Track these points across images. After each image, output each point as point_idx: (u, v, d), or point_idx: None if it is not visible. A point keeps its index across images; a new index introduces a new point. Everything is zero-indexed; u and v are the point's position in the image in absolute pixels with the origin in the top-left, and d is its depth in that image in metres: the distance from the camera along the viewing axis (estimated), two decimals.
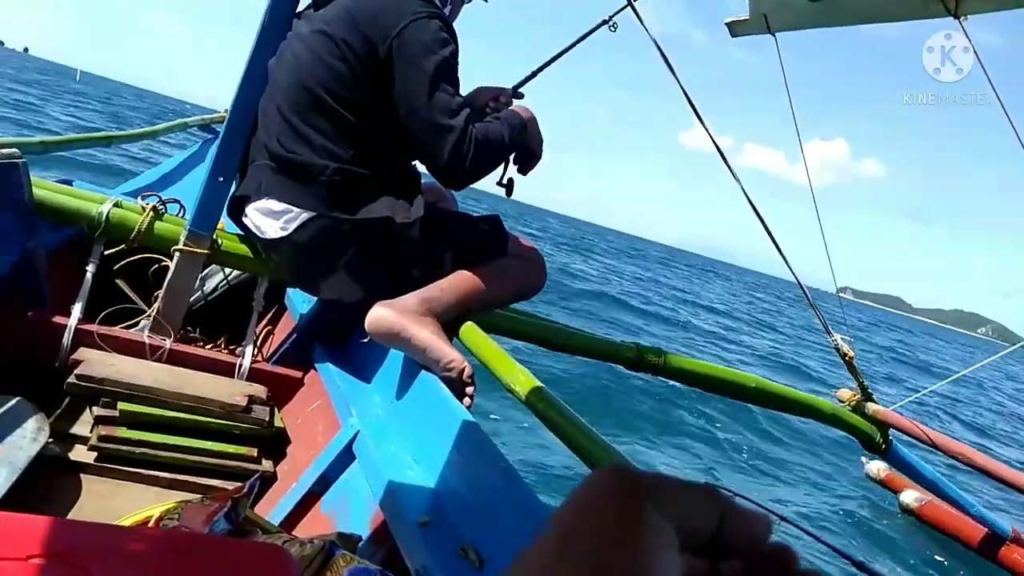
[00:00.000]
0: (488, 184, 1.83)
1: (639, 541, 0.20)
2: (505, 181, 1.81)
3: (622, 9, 1.89)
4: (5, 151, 1.50)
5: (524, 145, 1.74)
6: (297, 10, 1.74)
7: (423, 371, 1.59)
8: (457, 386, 1.49)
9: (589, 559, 0.20)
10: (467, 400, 1.48)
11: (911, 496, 4.40)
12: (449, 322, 1.62)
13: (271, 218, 1.62)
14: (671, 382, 2.34)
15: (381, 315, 1.52)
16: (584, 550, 0.20)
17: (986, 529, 3.48)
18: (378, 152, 1.62)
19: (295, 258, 1.65)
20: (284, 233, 1.61)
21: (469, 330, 1.65)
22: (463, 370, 1.49)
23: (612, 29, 2.03)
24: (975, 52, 1.22)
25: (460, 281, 1.63)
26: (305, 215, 1.59)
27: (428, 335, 1.50)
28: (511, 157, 1.76)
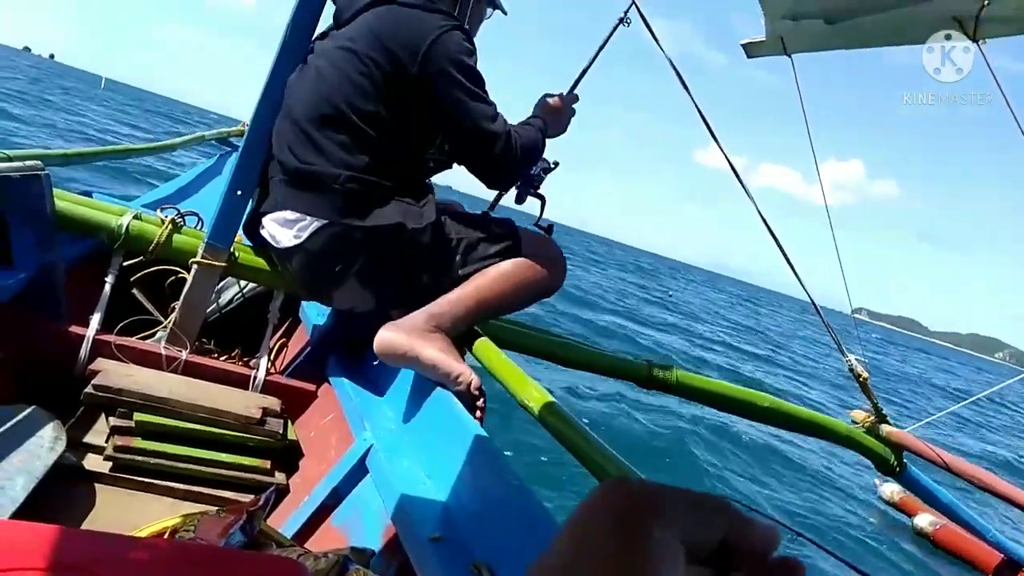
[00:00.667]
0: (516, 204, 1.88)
1: (644, 555, 0.20)
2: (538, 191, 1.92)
3: (629, 7, 1.95)
4: (28, 163, 1.52)
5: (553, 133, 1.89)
6: (318, 29, 1.77)
7: (436, 386, 1.59)
8: (467, 399, 1.49)
9: (598, 572, 0.20)
10: (478, 412, 1.49)
11: (926, 520, 4.35)
12: (461, 335, 1.63)
13: (285, 227, 1.64)
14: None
15: (388, 337, 1.53)
16: (589, 566, 0.20)
17: (1002, 555, 3.42)
18: (392, 161, 1.63)
19: (308, 267, 1.66)
20: (297, 241, 1.63)
21: (482, 346, 1.66)
22: (471, 383, 1.49)
23: (627, 24, 2.06)
24: (994, 77, 1.22)
25: (470, 291, 1.63)
26: (317, 223, 1.60)
27: (435, 353, 1.51)
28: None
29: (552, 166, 1.93)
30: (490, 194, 1.98)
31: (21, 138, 10.48)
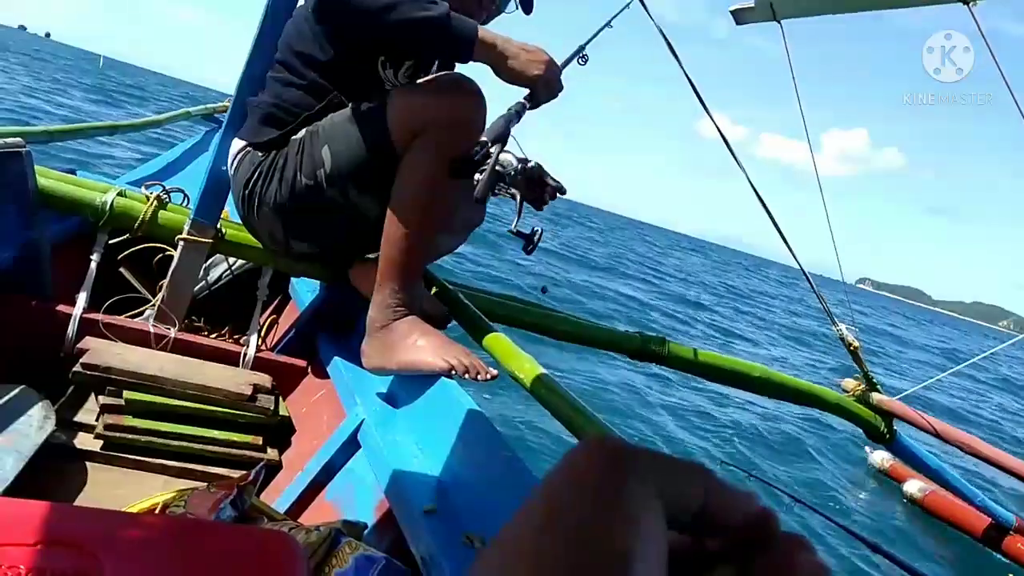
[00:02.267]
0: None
1: (623, 514, 0.20)
2: (524, 230, 1.63)
3: (629, 3, 1.82)
4: (10, 140, 1.49)
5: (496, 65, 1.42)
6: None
7: None
8: (464, 375, 1.46)
9: (573, 528, 0.19)
10: (484, 376, 1.42)
11: (915, 486, 4.41)
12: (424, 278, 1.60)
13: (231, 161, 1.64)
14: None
15: (368, 361, 1.52)
16: (568, 519, 0.20)
17: (990, 519, 3.48)
18: (325, 94, 1.55)
19: (234, 194, 1.65)
20: (231, 171, 1.63)
21: (473, 320, 1.65)
22: (452, 369, 1.42)
23: (609, 27, 1.93)
24: (984, 39, 1.21)
25: (394, 231, 1.46)
26: (239, 144, 1.61)
27: (413, 357, 1.44)
28: (518, 197, 1.63)
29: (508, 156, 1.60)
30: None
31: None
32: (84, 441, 1.38)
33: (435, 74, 1.49)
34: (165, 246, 1.78)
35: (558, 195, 1.72)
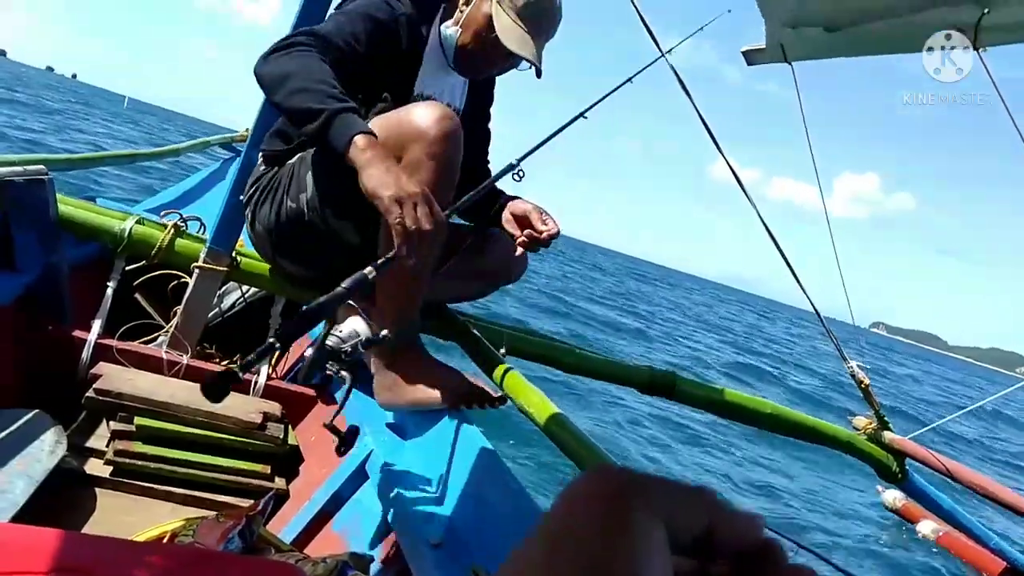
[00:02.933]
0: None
1: (628, 542, 0.20)
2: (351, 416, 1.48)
3: (654, 62, 1.79)
4: (32, 168, 1.53)
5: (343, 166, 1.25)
6: None
7: None
8: (472, 405, 1.47)
9: (579, 557, 0.19)
10: (491, 402, 1.44)
11: (928, 527, 4.33)
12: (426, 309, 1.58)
13: None
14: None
15: (380, 398, 1.54)
16: (573, 554, 0.20)
17: (1005, 563, 3.41)
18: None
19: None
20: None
21: (483, 351, 1.66)
22: (457, 405, 1.44)
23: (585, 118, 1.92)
24: (995, 85, 1.22)
25: (381, 287, 1.36)
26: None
27: (418, 394, 1.45)
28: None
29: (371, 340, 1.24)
30: None
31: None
32: (94, 467, 1.39)
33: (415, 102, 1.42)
34: (180, 273, 1.80)
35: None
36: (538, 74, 1.60)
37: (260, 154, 1.66)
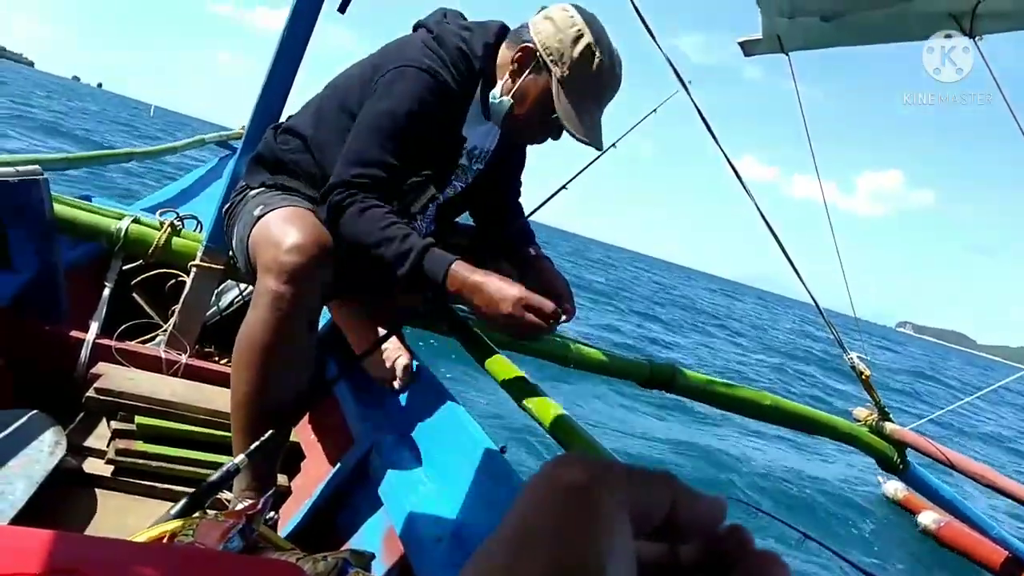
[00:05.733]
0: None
1: (594, 526, 0.20)
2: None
3: (674, 94, 1.76)
4: (27, 168, 1.52)
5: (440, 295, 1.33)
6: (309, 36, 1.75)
7: (436, 387, 1.59)
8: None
9: (545, 550, 0.20)
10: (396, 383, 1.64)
11: (929, 517, 4.34)
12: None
13: None
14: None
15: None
16: (538, 544, 0.20)
17: (1007, 552, 3.42)
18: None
19: None
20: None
21: (485, 350, 1.65)
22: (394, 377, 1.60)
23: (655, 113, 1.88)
24: (991, 73, 1.22)
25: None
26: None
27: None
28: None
29: None
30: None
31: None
32: (95, 466, 1.39)
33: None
34: (178, 272, 1.80)
35: None
36: (597, 148, 1.51)
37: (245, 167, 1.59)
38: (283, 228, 1.30)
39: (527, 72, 1.44)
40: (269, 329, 1.25)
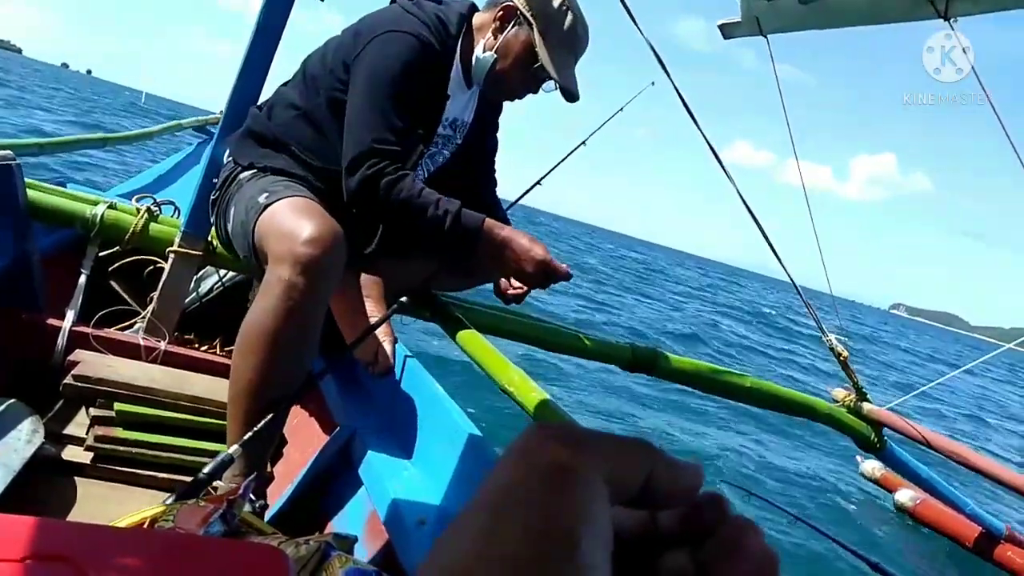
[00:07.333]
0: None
1: (570, 495, 0.20)
2: None
3: (647, 86, 1.83)
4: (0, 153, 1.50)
5: (477, 256, 1.47)
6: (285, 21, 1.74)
7: (419, 374, 1.59)
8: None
9: (520, 517, 0.20)
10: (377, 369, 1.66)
11: (906, 495, 4.42)
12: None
13: None
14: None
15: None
16: (515, 513, 0.20)
17: (980, 528, 3.49)
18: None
19: None
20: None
21: (465, 334, 1.66)
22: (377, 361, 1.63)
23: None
24: (965, 52, 1.23)
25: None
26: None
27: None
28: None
29: None
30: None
31: None
32: (74, 454, 1.38)
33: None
34: (156, 258, 1.78)
35: None
36: (573, 99, 1.60)
37: (226, 153, 1.58)
38: (296, 220, 1.30)
39: (510, 27, 1.55)
40: (280, 317, 1.24)
